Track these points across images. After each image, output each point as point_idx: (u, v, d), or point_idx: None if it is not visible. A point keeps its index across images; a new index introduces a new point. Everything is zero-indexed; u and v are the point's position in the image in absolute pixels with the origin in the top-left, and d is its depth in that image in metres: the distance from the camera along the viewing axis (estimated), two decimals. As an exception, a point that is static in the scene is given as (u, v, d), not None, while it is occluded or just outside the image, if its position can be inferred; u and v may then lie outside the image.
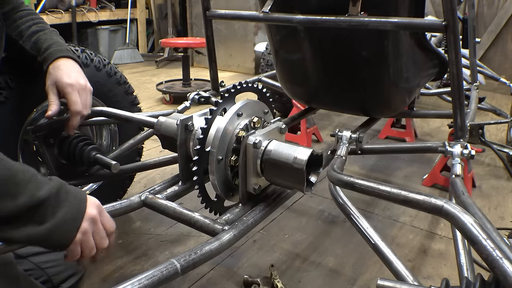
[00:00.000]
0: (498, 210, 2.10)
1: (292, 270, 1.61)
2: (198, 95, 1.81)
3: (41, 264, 1.12)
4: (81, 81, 1.35)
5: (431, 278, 1.59)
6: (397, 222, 1.96)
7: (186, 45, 4.15)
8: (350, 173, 1.16)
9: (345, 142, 1.49)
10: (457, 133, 1.44)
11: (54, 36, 1.41)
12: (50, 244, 0.83)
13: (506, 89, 3.49)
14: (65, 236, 0.82)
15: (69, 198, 0.83)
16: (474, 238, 0.77)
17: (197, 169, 1.11)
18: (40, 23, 1.42)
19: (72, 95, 1.33)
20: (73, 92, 1.33)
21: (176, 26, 6.26)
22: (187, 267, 0.88)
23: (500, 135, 3.12)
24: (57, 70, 1.33)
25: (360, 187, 1.04)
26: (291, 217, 1.99)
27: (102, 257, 0.93)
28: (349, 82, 1.70)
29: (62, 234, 0.81)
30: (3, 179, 0.74)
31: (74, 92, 1.33)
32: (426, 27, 1.36)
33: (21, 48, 1.36)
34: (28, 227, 0.78)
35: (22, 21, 1.38)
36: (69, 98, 1.33)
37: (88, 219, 0.86)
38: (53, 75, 1.33)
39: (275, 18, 1.56)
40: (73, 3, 5.09)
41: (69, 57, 1.37)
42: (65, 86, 1.32)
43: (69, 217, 0.82)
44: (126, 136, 1.73)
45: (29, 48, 1.35)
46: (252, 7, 4.85)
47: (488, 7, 4.53)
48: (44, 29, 1.41)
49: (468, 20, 2.39)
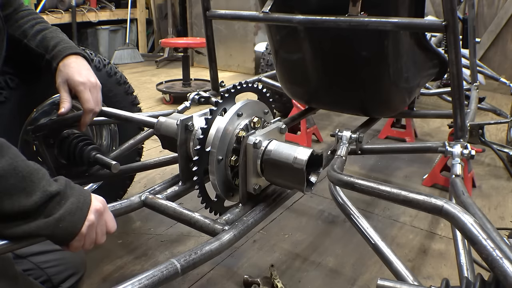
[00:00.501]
0: (498, 210, 2.10)
1: (292, 270, 1.61)
2: (198, 95, 1.81)
3: (40, 264, 1.12)
4: (92, 79, 1.37)
5: (431, 278, 1.59)
6: (397, 222, 1.96)
7: (186, 45, 4.15)
8: (350, 173, 1.16)
9: (345, 142, 1.49)
10: (457, 133, 1.44)
11: (59, 34, 1.42)
12: (57, 235, 0.84)
13: (506, 89, 3.49)
14: (72, 226, 0.84)
15: (75, 193, 0.86)
16: (474, 238, 0.77)
17: (197, 169, 1.11)
18: (43, 22, 1.43)
19: (84, 93, 1.35)
20: (85, 91, 1.35)
21: (176, 26, 6.26)
22: (187, 267, 0.88)
23: (500, 135, 3.12)
24: (68, 67, 1.34)
25: (360, 187, 1.04)
26: (291, 217, 1.99)
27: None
28: (349, 82, 1.70)
29: (69, 224, 0.83)
30: (21, 176, 0.78)
31: (86, 90, 1.35)
32: (426, 27, 1.36)
33: (26, 46, 1.36)
34: (38, 220, 0.80)
35: (24, 20, 1.38)
36: (81, 96, 1.35)
37: (94, 211, 0.88)
38: (64, 72, 1.34)
39: (275, 18, 1.56)
40: (73, 3, 5.09)
41: (78, 54, 1.39)
42: (77, 84, 1.34)
43: (76, 207, 0.84)
44: (126, 136, 1.73)
45: (35, 47, 1.36)
46: (252, 7, 4.84)
47: (488, 7, 4.54)
48: (48, 27, 1.42)
49: (468, 20, 2.39)
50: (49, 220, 0.80)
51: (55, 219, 0.81)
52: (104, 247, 1.71)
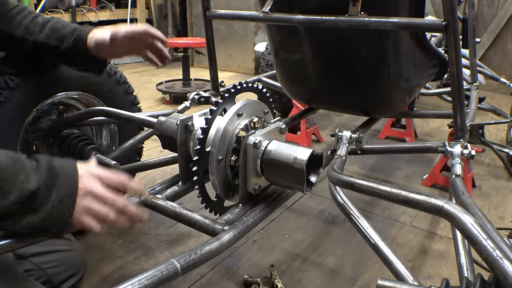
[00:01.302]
0: (498, 210, 2.10)
1: (292, 270, 1.61)
2: (198, 95, 1.81)
3: (41, 265, 1.12)
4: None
5: (431, 278, 1.59)
6: (397, 222, 1.96)
7: (186, 45, 4.15)
8: (350, 173, 1.16)
9: (345, 142, 1.49)
10: (457, 133, 1.44)
11: (64, 22, 1.40)
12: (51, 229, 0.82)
13: (506, 89, 3.49)
14: (61, 218, 0.79)
15: (60, 178, 0.80)
16: (474, 238, 0.77)
17: (197, 169, 1.11)
18: (39, 15, 1.40)
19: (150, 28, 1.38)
20: (141, 28, 1.37)
21: (176, 26, 6.26)
22: (187, 267, 0.88)
23: (500, 135, 3.12)
24: (102, 31, 1.34)
25: (360, 187, 1.04)
26: (291, 217, 1.99)
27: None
28: (349, 82, 1.70)
29: (57, 217, 0.79)
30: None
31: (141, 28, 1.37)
32: (426, 27, 1.36)
33: (35, 43, 1.32)
34: (26, 218, 0.76)
35: (21, 16, 1.34)
36: (148, 31, 1.37)
37: (83, 194, 0.82)
38: (104, 33, 1.34)
39: (275, 18, 1.56)
40: (73, 3, 5.09)
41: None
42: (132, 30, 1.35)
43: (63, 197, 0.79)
44: (126, 136, 1.73)
45: (45, 40, 1.33)
46: (252, 7, 4.84)
47: (488, 7, 4.54)
48: (51, 18, 1.39)
49: (468, 20, 2.40)
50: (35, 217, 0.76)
51: (43, 215, 0.77)
52: (104, 247, 1.72)
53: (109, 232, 0.86)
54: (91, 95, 1.64)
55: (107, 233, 0.87)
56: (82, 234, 0.84)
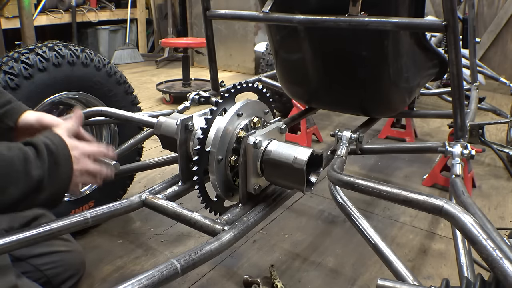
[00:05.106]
0: (498, 210, 2.10)
1: (292, 270, 1.61)
2: (198, 95, 1.81)
3: (40, 266, 1.12)
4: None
5: (431, 278, 1.59)
6: (397, 222, 1.96)
7: (186, 45, 4.15)
8: (350, 173, 1.16)
9: (345, 142, 1.49)
10: (457, 133, 1.44)
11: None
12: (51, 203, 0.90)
13: (506, 89, 3.50)
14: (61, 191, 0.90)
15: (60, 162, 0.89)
16: (474, 238, 0.77)
17: (197, 169, 1.11)
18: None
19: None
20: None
21: (176, 26, 6.26)
22: (187, 267, 0.88)
23: (500, 135, 3.12)
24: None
25: (360, 187, 1.04)
26: (291, 217, 1.99)
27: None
28: (349, 82, 1.70)
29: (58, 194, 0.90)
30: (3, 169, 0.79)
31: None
32: (426, 27, 1.36)
33: None
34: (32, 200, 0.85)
35: None
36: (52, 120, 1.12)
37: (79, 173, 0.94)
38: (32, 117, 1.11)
39: (275, 18, 1.56)
40: (73, 3, 5.10)
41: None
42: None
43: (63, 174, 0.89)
44: (126, 136, 1.73)
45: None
46: (252, 7, 4.85)
47: (488, 7, 4.54)
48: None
49: (468, 20, 2.39)
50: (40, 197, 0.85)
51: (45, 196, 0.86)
52: (104, 247, 1.72)
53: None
54: (91, 95, 1.64)
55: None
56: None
